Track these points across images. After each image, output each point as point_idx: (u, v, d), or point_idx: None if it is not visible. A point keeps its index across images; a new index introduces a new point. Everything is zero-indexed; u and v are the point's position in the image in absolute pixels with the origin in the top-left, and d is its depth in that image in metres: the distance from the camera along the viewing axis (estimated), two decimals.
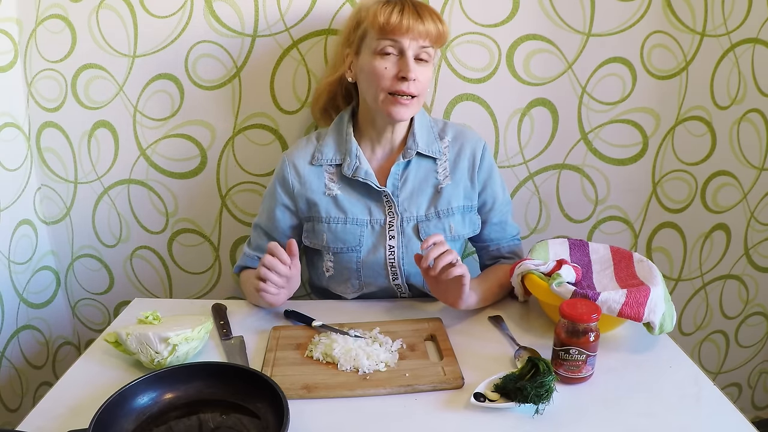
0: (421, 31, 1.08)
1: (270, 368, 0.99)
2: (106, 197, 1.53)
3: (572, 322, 0.92)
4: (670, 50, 1.40)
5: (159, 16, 1.36)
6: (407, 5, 1.09)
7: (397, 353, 1.03)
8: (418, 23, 1.07)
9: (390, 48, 1.09)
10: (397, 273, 1.21)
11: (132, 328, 1.00)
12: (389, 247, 1.20)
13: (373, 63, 1.11)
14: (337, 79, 1.21)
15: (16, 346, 1.48)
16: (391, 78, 1.10)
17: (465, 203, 1.23)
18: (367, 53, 1.12)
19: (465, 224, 1.23)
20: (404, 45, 1.09)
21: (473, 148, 1.23)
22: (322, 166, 1.21)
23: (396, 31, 1.07)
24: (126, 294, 1.62)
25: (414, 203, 1.20)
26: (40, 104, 1.45)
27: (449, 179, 1.21)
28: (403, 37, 1.08)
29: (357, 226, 1.19)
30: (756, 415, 1.84)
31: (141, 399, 0.88)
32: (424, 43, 1.10)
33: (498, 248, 1.31)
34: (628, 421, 0.87)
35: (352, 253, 1.20)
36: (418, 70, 1.10)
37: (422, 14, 1.08)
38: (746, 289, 1.67)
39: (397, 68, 1.10)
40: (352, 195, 1.20)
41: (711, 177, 1.54)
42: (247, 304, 1.25)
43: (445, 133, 1.24)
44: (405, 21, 1.07)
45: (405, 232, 1.20)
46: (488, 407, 0.89)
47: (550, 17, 1.37)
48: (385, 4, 1.09)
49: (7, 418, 1.48)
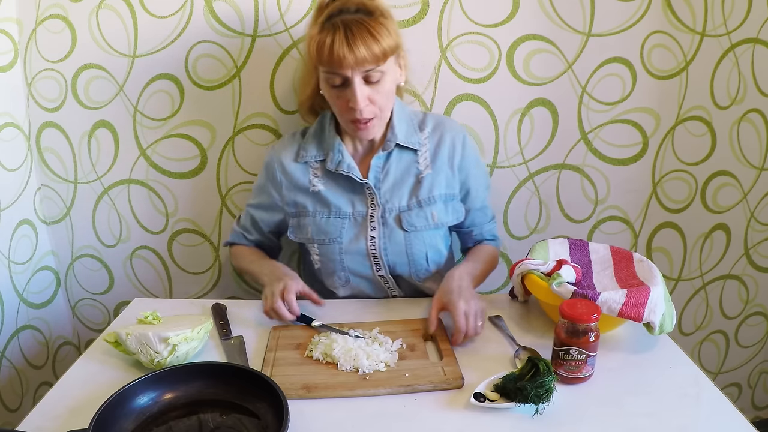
0: (355, 61, 1.04)
1: (270, 368, 0.99)
2: (106, 197, 1.53)
3: (572, 322, 0.92)
4: (670, 50, 1.40)
5: (159, 16, 1.36)
6: (338, 32, 1.04)
7: (397, 353, 1.03)
8: (350, 53, 1.03)
9: (336, 79, 1.08)
10: (380, 264, 1.23)
11: (132, 328, 1.00)
12: (370, 237, 1.21)
13: (328, 92, 1.13)
14: (311, 92, 1.21)
15: (16, 346, 1.48)
16: (344, 108, 1.11)
17: (447, 191, 1.24)
18: (322, 80, 1.13)
19: (448, 212, 1.25)
20: (346, 75, 1.07)
21: (453, 137, 1.24)
22: (307, 162, 1.24)
23: (330, 64, 1.06)
24: (126, 294, 1.62)
25: (396, 194, 1.22)
26: (40, 104, 1.45)
27: (430, 168, 1.22)
28: (341, 69, 1.06)
29: (339, 218, 1.22)
30: (756, 415, 1.84)
31: (141, 399, 0.89)
32: (366, 68, 1.06)
33: (480, 232, 1.34)
34: (628, 421, 0.87)
35: (334, 244, 1.22)
36: (370, 92, 1.09)
37: (353, 41, 1.03)
38: (746, 289, 1.67)
39: (346, 98, 1.10)
40: (336, 189, 1.22)
41: (711, 177, 1.54)
42: (247, 304, 1.25)
43: (425, 124, 1.25)
44: (336, 54, 1.03)
45: (387, 222, 1.21)
46: (488, 407, 0.89)
47: (550, 17, 1.37)
48: (320, 32, 1.06)
49: (7, 418, 1.48)
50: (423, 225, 1.22)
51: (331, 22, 1.06)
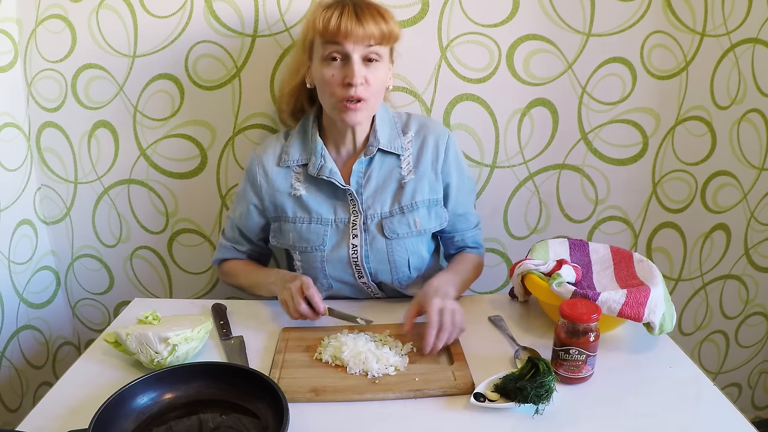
0: (362, 35, 1.06)
1: (278, 370, 0.99)
2: (106, 197, 1.53)
3: (572, 322, 0.92)
4: (670, 50, 1.40)
5: (159, 16, 1.36)
6: (347, 7, 1.06)
7: (407, 357, 1.02)
8: (358, 27, 1.05)
9: (335, 53, 1.08)
10: (362, 272, 1.21)
11: (132, 328, 1.00)
12: (352, 245, 1.20)
13: (321, 71, 1.11)
14: (298, 84, 1.21)
15: (16, 346, 1.48)
16: (338, 85, 1.09)
17: (430, 196, 1.22)
18: (317, 60, 1.12)
19: (431, 218, 1.23)
20: (348, 49, 1.07)
21: (437, 140, 1.22)
22: (290, 167, 1.22)
23: (336, 36, 1.06)
24: (126, 294, 1.62)
25: (378, 200, 1.20)
26: (40, 104, 1.45)
27: (413, 173, 1.21)
28: (345, 42, 1.06)
29: (321, 225, 1.20)
30: (756, 415, 1.84)
31: (141, 399, 0.89)
32: (369, 44, 1.08)
33: (462, 238, 1.31)
34: (628, 421, 0.87)
35: (316, 252, 1.21)
36: (366, 72, 1.09)
37: (362, 16, 1.06)
38: (746, 289, 1.67)
39: (342, 74, 1.09)
40: (317, 195, 1.21)
41: (711, 177, 1.54)
42: (247, 304, 1.25)
43: (408, 128, 1.24)
44: (344, 26, 1.05)
45: (369, 229, 1.20)
46: (488, 407, 0.89)
47: (550, 17, 1.37)
48: (326, 9, 1.07)
49: (7, 418, 1.48)
50: (405, 232, 1.20)
51: (338, 1, 1.08)
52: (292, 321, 1.15)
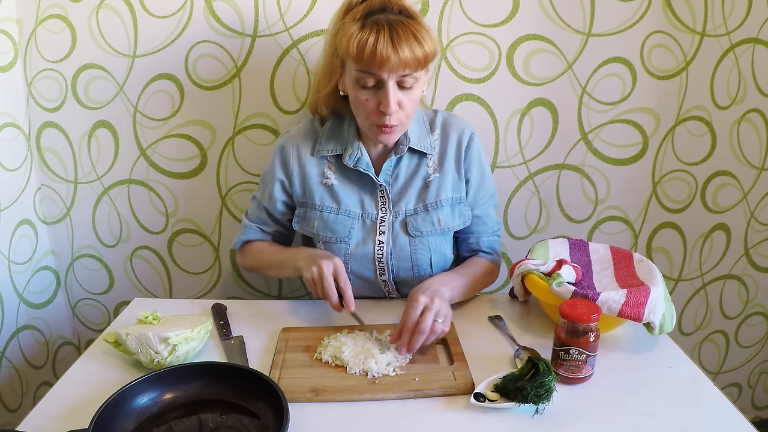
0: (398, 63, 1.00)
1: (278, 370, 0.98)
2: (106, 197, 1.53)
3: (572, 322, 0.92)
4: (670, 50, 1.40)
5: (159, 16, 1.36)
6: (383, 31, 1.00)
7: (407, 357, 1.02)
8: (394, 54, 0.99)
9: (369, 80, 1.04)
10: (384, 269, 1.21)
11: (132, 328, 1.00)
12: (379, 242, 1.19)
13: (354, 93, 1.07)
14: (332, 90, 1.17)
15: (16, 346, 1.48)
16: (372, 111, 1.07)
17: (453, 195, 1.21)
18: (349, 79, 1.08)
19: (454, 216, 1.22)
20: (382, 77, 1.03)
21: (459, 137, 1.21)
22: (324, 156, 1.21)
23: (370, 66, 1.01)
24: (126, 294, 1.62)
25: (403, 198, 1.20)
26: (40, 104, 1.45)
27: (438, 171, 1.20)
28: (380, 71, 1.02)
29: (348, 218, 1.19)
30: (756, 415, 1.84)
31: (141, 399, 0.89)
32: (405, 72, 1.03)
33: (477, 241, 1.27)
34: (628, 421, 0.87)
35: (341, 244, 1.20)
36: (402, 96, 1.06)
37: (398, 43, 0.99)
38: (746, 289, 1.67)
39: (376, 100, 1.06)
40: (347, 186, 1.20)
41: (711, 177, 1.54)
42: (247, 304, 1.25)
43: (435, 125, 1.23)
44: (379, 54, 0.99)
45: (393, 227, 1.20)
46: (488, 407, 0.89)
47: (550, 17, 1.37)
48: (360, 31, 1.01)
49: (7, 418, 1.48)
50: (429, 230, 1.19)
51: (373, 19, 1.02)
52: (292, 321, 1.15)
